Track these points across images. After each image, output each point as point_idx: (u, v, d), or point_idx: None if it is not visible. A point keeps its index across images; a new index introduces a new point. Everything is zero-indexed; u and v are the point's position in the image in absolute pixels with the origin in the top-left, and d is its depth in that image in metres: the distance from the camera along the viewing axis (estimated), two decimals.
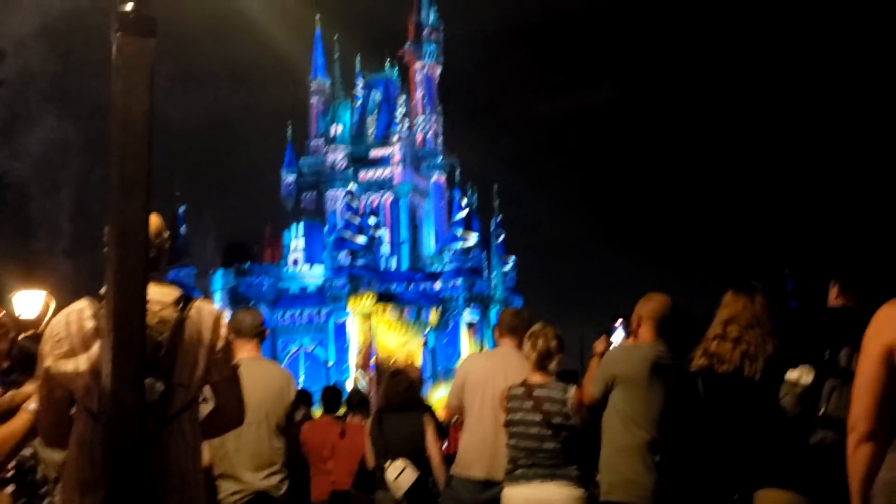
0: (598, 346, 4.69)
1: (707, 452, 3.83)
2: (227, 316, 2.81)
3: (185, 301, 2.58)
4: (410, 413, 5.62)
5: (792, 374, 3.48)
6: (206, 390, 2.69)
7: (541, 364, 4.56)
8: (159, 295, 2.56)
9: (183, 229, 64.57)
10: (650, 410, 4.02)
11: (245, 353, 4.57)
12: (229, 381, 2.69)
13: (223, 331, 2.65)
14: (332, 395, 7.75)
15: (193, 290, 60.33)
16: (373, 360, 60.21)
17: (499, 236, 70.36)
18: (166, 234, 2.71)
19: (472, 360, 5.34)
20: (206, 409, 2.73)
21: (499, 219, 71.70)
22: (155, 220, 2.64)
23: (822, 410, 3.34)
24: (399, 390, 5.69)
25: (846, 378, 3.23)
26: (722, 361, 3.84)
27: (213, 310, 2.66)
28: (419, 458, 5.42)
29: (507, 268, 70.42)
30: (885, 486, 2.14)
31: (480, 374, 4.87)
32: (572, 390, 4.47)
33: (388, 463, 5.41)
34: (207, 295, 64.34)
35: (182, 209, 65.57)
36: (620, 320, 4.88)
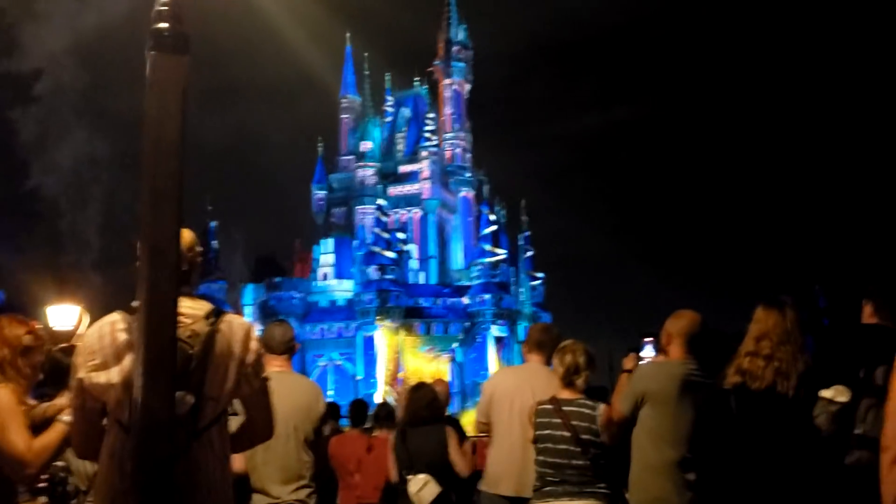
0: (628, 363, 4.65)
1: (739, 471, 3.77)
2: (257, 330, 2.81)
3: (216, 315, 2.59)
4: (433, 427, 5.58)
5: (826, 393, 3.42)
6: (236, 403, 2.70)
7: (569, 380, 4.52)
8: (191, 309, 2.57)
9: (214, 244, 65.26)
10: (680, 428, 3.97)
11: (275, 366, 4.59)
12: (259, 394, 2.69)
13: (254, 344, 2.65)
14: (360, 409, 7.74)
15: (224, 304, 60.84)
16: (400, 375, 60.17)
17: (526, 252, 70.19)
18: (198, 249, 2.73)
19: (499, 375, 5.31)
20: (235, 422, 2.73)
21: (527, 234, 71.58)
22: (187, 235, 2.66)
23: (859, 430, 3.28)
24: (422, 404, 5.66)
25: (882, 397, 3.17)
26: (755, 378, 3.78)
27: (243, 323, 2.66)
28: (442, 473, 5.38)
29: (536, 283, 70.19)
30: None
31: (508, 390, 4.85)
32: (601, 407, 4.43)
33: (410, 476, 5.38)
34: (238, 309, 64.87)
35: (214, 224, 66.31)
36: (650, 337, 4.83)
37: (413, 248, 70.52)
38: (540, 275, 71.48)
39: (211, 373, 2.52)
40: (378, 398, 56.05)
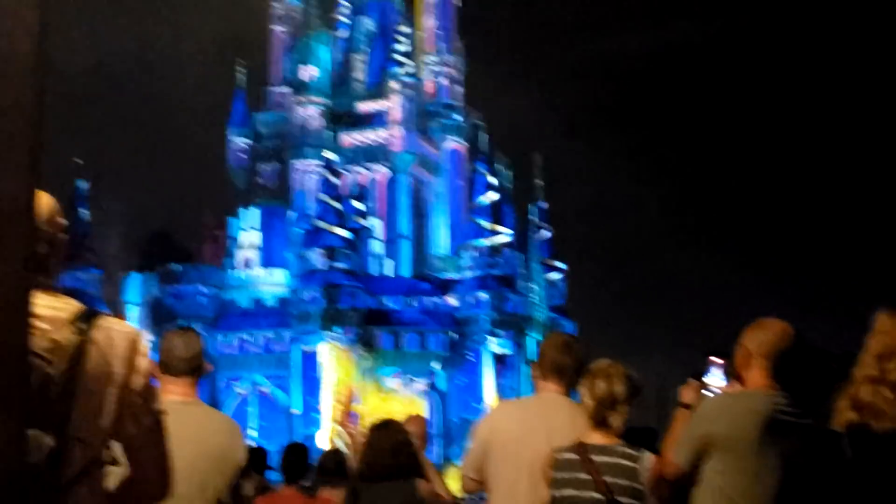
0: (686, 394, 4.68)
1: None
2: (148, 340, 2.82)
3: (87, 318, 2.58)
4: (401, 484, 5.66)
5: None
6: (116, 448, 2.70)
7: (602, 418, 4.56)
8: (50, 309, 2.56)
9: (85, 214, 65.08)
10: (763, 489, 4.00)
11: (175, 394, 4.59)
12: (150, 434, 2.69)
13: (143, 361, 2.64)
14: (297, 458, 7.78)
15: (98, 301, 60.79)
16: (355, 408, 60.37)
17: (542, 232, 70.50)
18: (61, 222, 2.71)
19: (499, 412, 5.36)
20: (115, 474, 2.73)
21: (542, 206, 71.91)
22: (45, 202, 2.64)
23: None
24: (386, 450, 5.74)
25: None
26: (880, 415, 3.80)
27: (127, 331, 2.65)
28: None
29: (554, 278, 70.55)
30: None
31: (512, 433, 4.88)
32: (648, 457, 4.47)
33: None
34: (119, 309, 64.75)
35: (84, 186, 66.06)
36: (718, 358, 4.89)
37: (377, 225, 70.67)
38: (561, 265, 71.77)
39: (80, 403, 2.51)
40: (323, 442, 56.29)
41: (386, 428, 5.93)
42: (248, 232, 69.21)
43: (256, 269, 68.13)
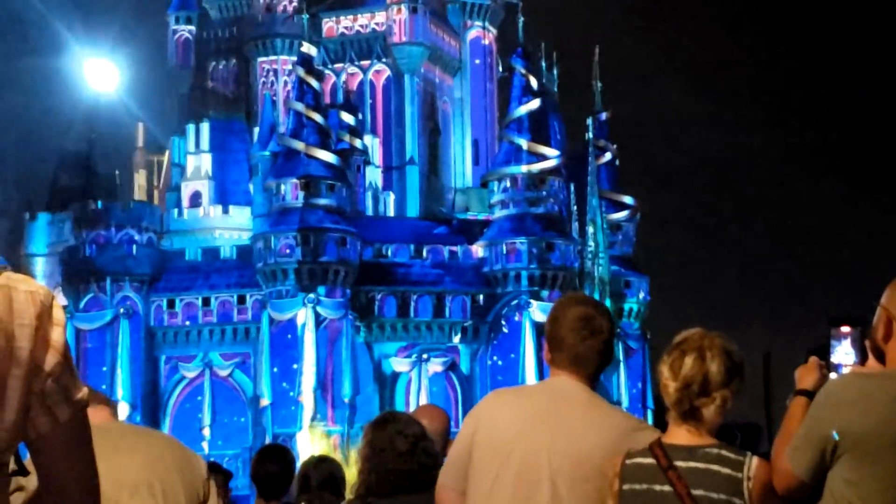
0: (805, 377, 4.68)
1: None
2: (61, 304, 2.83)
3: None
4: (418, 499, 5.71)
5: None
6: (23, 455, 2.72)
7: (689, 408, 4.58)
8: None
9: None
10: None
11: (94, 416, 4.64)
12: (68, 433, 2.69)
13: (58, 333, 2.65)
14: (275, 466, 7.85)
15: None
16: (346, 398, 60.72)
17: (604, 155, 70.19)
18: None
19: (491, 402, 5.40)
20: (24, 490, 2.76)
21: (603, 118, 71.47)
22: None
23: None
24: (395, 455, 5.76)
25: None
26: None
27: (36, 291, 2.66)
28: None
29: (620, 219, 70.30)
30: None
31: (503, 432, 4.94)
32: (753, 462, 4.49)
33: None
34: (19, 262, 64.97)
35: None
36: (848, 328, 4.90)
37: (373, 146, 70.49)
38: (628, 201, 71.56)
39: None
40: (306, 445, 56.59)
41: (391, 423, 5.93)
42: (195, 156, 69.21)
43: (208, 208, 68.23)
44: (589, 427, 4.68)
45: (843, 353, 4.77)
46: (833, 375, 4.62)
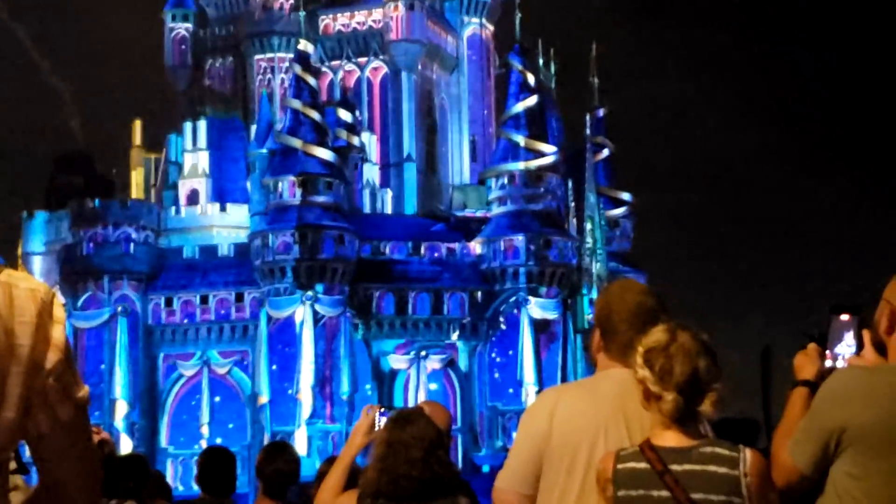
0: (805, 366, 4.65)
1: None
2: (60, 301, 2.82)
3: None
4: None
5: None
6: (25, 452, 2.71)
7: (686, 412, 4.54)
8: None
9: None
10: None
11: None
12: (69, 431, 2.69)
13: (58, 331, 2.65)
14: (285, 464, 7.85)
15: None
16: (345, 395, 60.72)
17: (602, 151, 70.21)
18: None
19: (559, 397, 5.29)
20: (22, 489, 2.75)
21: (601, 115, 71.44)
22: None
23: None
24: (412, 459, 5.70)
25: None
26: None
27: (36, 289, 2.65)
28: None
29: (617, 214, 70.33)
30: None
31: (583, 428, 4.86)
32: (748, 456, 4.46)
33: None
34: (18, 261, 64.97)
35: None
36: (848, 316, 4.86)
37: (370, 143, 70.44)
38: (625, 197, 71.55)
39: None
40: (303, 443, 56.66)
41: (411, 422, 5.85)
42: (192, 153, 69.18)
43: (206, 206, 68.19)
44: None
45: (845, 343, 4.73)
46: (835, 366, 4.58)
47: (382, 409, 5.98)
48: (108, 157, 72.47)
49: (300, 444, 54.42)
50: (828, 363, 4.60)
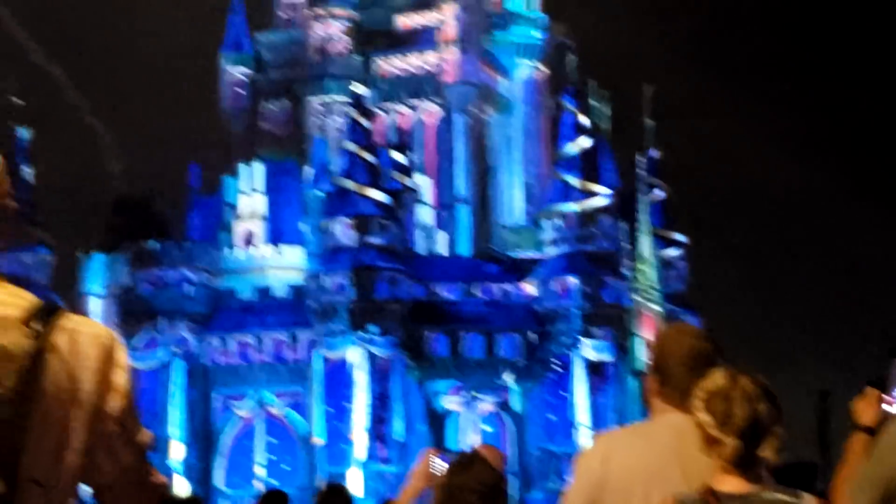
0: (865, 411, 4.62)
1: None
2: (123, 344, 2.83)
3: (45, 315, 2.59)
4: None
5: None
6: (87, 495, 2.72)
7: (748, 459, 4.50)
8: None
9: (27, 173, 65.68)
10: None
11: None
12: (131, 476, 2.71)
13: (121, 376, 2.66)
14: None
15: (47, 291, 61.43)
16: (398, 436, 60.59)
17: (655, 192, 69.91)
18: (6, 184, 2.73)
19: (615, 441, 5.28)
20: None
21: (654, 157, 71.20)
22: None
23: None
24: (471, 501, 5.67)
25: None
26: None
27: (99, 334, 2.66)
28: None
29: (672, 256, 70.00)
30: None
31: (637, 472, 4.84)
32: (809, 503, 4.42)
33: None
34: (75, 302, 65.38)
35: (25, 135, 66.63)
36: None
37: (424, 184, 70.58)
38: (680, 238, 71.25)
39: (36, 433, 2.53)
40: (357, 484, 56.55)
41: (470, 467, 5.84)
42: (249, 196, 69.49)
43: (262, 248, 68.44)
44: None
45: None
46: (892, 409, 4.55)
47: (440, 453, 5.96)
48: (166, 198, 72.67)
49: (354, 486, 54.30)
50: (887, 408, 4.56)
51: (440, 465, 6.00)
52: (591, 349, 63.06)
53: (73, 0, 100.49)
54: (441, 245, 70.19)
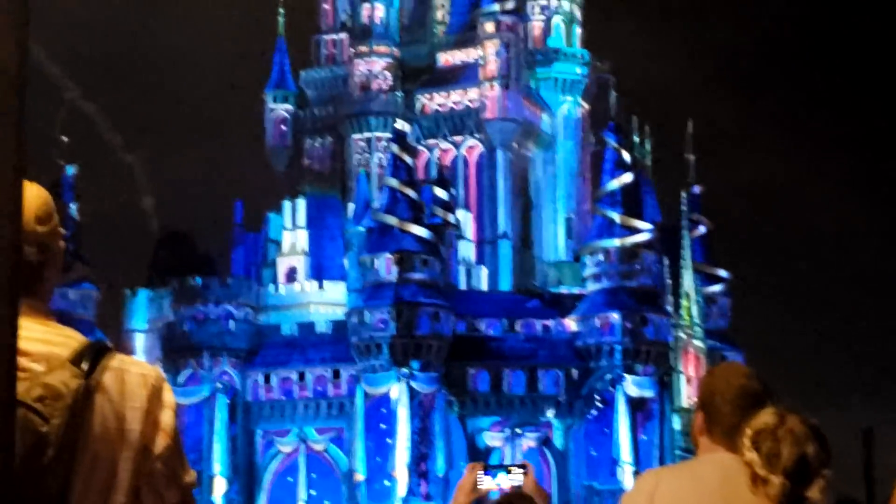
0: None
1: None
2: (170, 386, 2.83)
3: (93, 355, 2.59)
4: None
5: None
6: None
7: (795, 499, 4.46)
8: (43, 343, 2.56)
9: (73, 211, 66.12)
10: None
11: None
12: None
13: (168, 416, 2.65)
14: None
15: (94, 328, 61.77)
16: (440, 472, 60.43)
17: (698, 227, 69.71)
18: (56, 223, 2.72)
19: (661, 479, 5.23)
20: None
21: (697, 192, 71.05)
22: (35, 194, 2.65)
23: None
24: None
25: None
26: None
27: (147, 374, 2.66)
28: None
29: (715, 292, 69.70)
30: None
31: None
32: None
33: None
34: (119, 338, 65.69)
35: (71, 172, 67.14)
36: None
37: (466, 220, 70.60)
38: (723, 274, 70.94)
39: (83, 473, 2.53)
40: None
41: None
42: (292, 232, 69.73)
43: (304, 284, 68.60)
44: None
45: None
46: None
47: (486, 468, 5.97)
48: (209, 235, 73.09)
49: None
50: None
51: (486, 480, 6.01)
52: (633, 385, 62.80)
53: (122, 43, 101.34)
54: (483, 281, 70.14)
